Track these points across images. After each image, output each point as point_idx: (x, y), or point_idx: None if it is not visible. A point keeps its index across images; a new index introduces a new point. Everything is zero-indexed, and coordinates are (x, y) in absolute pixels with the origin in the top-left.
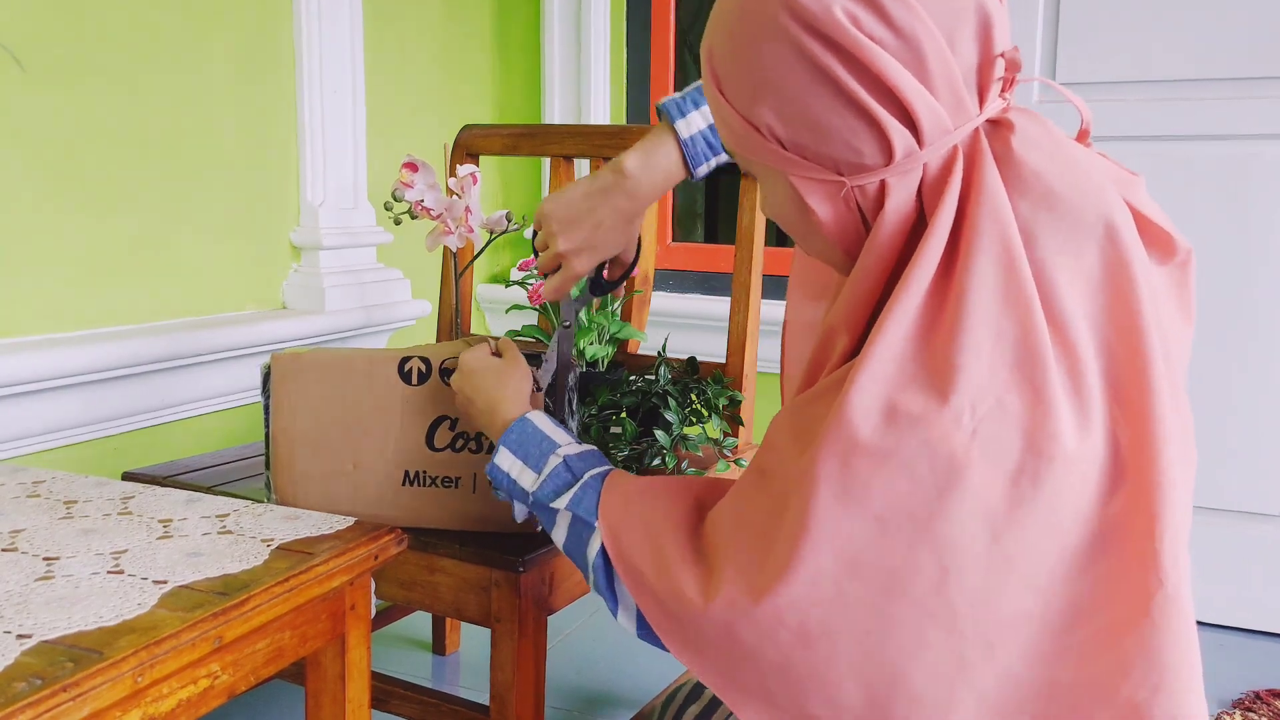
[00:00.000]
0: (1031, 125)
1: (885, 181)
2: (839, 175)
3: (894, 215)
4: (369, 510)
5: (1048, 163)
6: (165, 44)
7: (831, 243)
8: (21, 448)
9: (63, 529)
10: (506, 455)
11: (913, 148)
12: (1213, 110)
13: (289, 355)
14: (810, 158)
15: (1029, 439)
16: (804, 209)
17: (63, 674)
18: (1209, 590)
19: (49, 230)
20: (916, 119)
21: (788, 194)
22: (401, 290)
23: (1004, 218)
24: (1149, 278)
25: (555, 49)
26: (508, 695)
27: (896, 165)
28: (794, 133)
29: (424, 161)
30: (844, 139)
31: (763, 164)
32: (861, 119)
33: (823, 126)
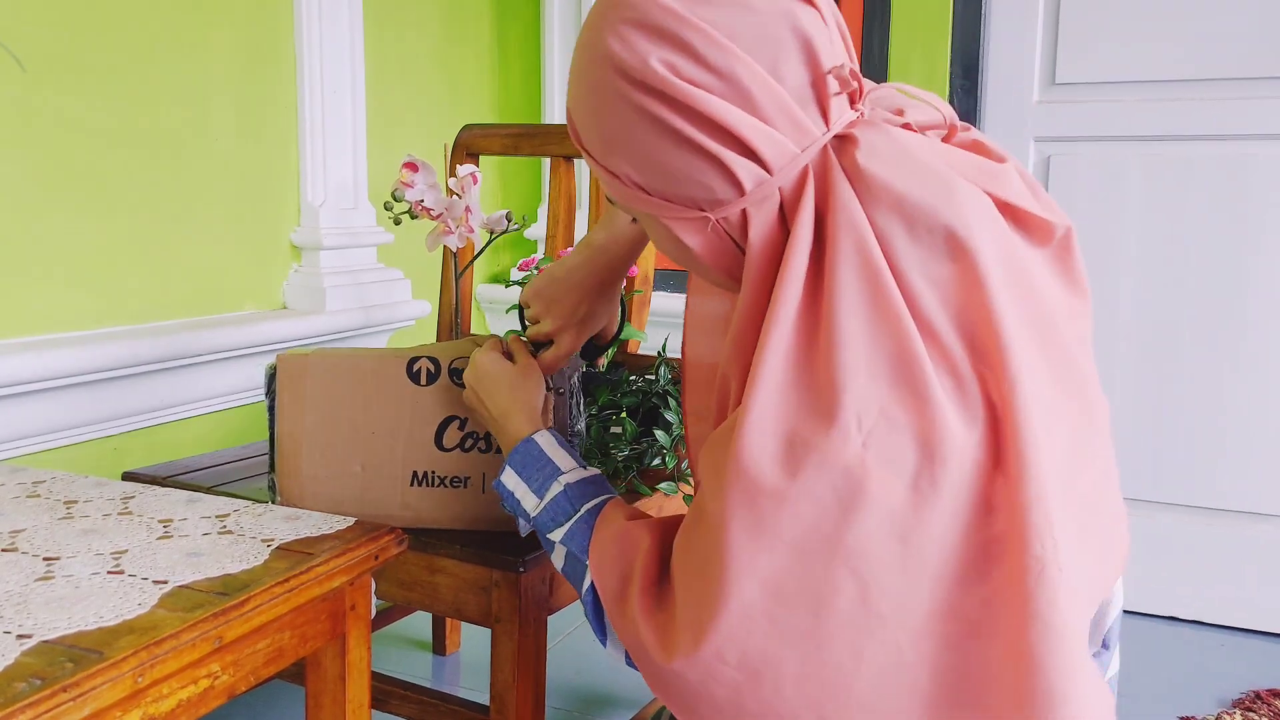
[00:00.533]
0: (877, 137)
1: (745, 210)
2: (701, 211)
3: (760, 240)
4: (377, 512)
5: (894, 170)
6: (165, 44)
7: (717, 271)
8: (21, 448)
9: (63, 529)
10: (511, 475)
11: (762, 176)
12: (1211, 110)
13: (294, 355)
14: (672, 199)
15: (920, 441)
16: (681, 245)
17: (63, 674)
18: (1209, 590)
19: (49, 230)
20: (756, 150)
21: (666, 234)
22: (402, 290)
23: (861, 230)
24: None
25: (555, 49)
26: (508, 695)
27: (750, 195)
28: (650, 179)
29: (424, 161)
30: (695, 179)
31: (635, 208)
32: (704, 160)
33: (672, 171)
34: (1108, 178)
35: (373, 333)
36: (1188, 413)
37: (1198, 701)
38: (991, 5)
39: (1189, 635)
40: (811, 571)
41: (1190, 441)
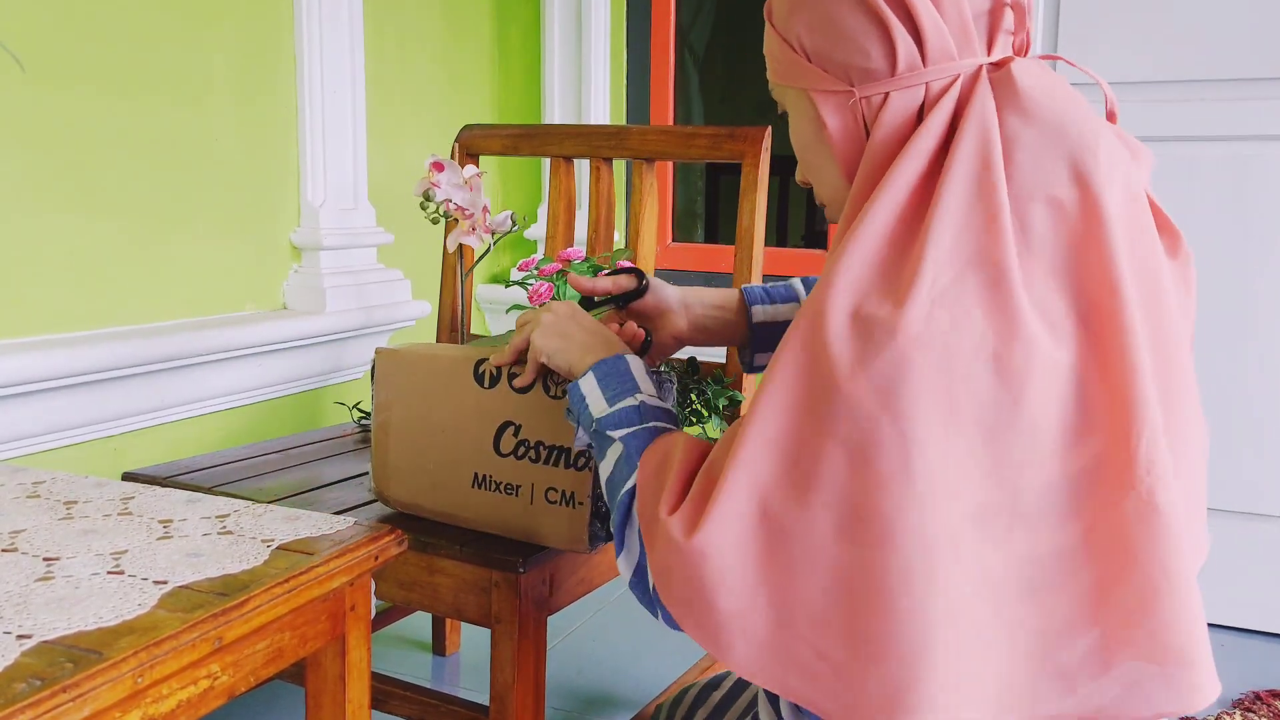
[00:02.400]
0: (1033, 64)
1: (888, 94)
2: (850, 86)
3: (891, 123)
4: (445, 509)
5: (1039, 86)
6: (165, 44)
7: (839, 166)
8: (21, 448)
9: (63, 529)
10: (590, 380)
11: (916, 62)
12: (1214, 111)
13: (388, 350)
14: (829, 69)
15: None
16: (819, 126)
17: (63, 674)
18: (1209, 590)
19: (49, 230)
20: (923, 34)
21: (810, 113)
22: (402, 290)
23: (989, 131)
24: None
25: (555, 49)
26: (508, 696)
27: (899, 77)
28: (816, 41)
29: (450, 160)
30: (856, 42)
31: (791, 83)
32: (874, 23)
33: (840, 30)
34: None
35: (373, 333)
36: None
37: None
38: None
39: None
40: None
41: None
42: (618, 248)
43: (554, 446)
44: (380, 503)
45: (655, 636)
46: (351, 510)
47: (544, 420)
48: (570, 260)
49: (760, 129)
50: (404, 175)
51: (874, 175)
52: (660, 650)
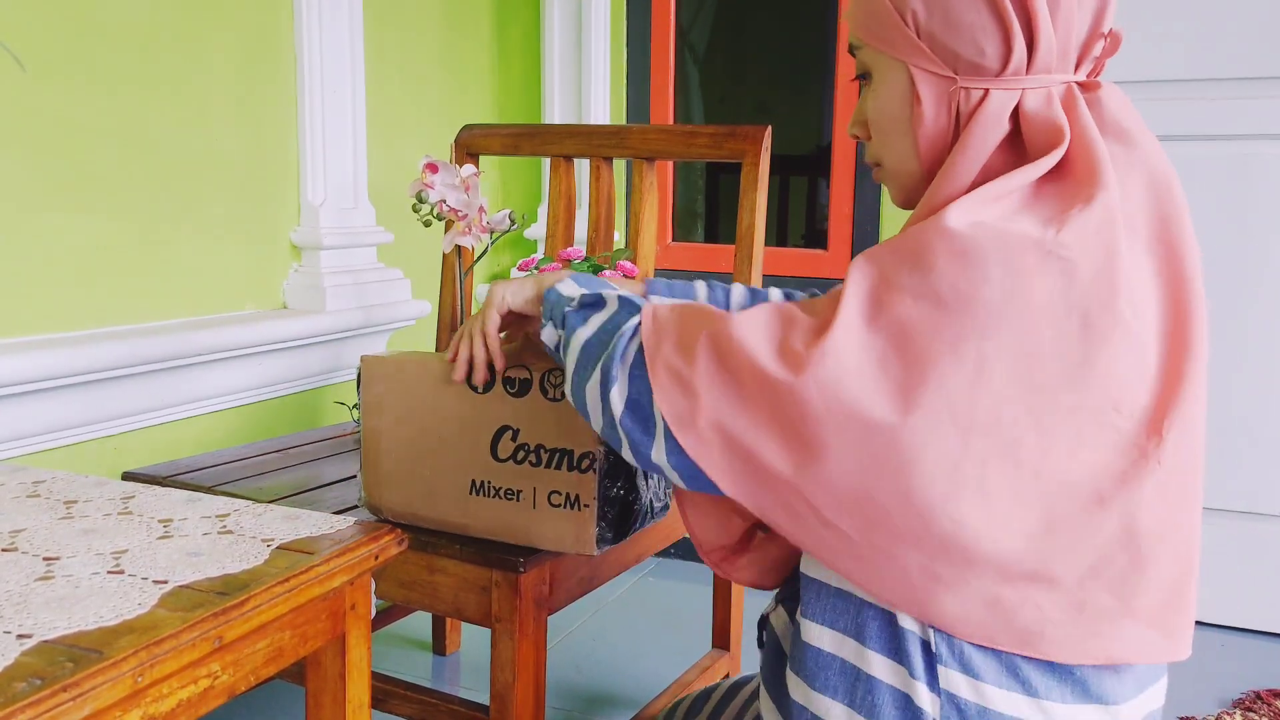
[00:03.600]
0: (1119, 91)
1: (989, 91)
2: (954, 73)
3: (987, 124)
4: (442, 517)
5: (1126, 113)
6: (165, 44)
7: (919, 147)
8: (21, 448)
9: (63, 529)
10: (570, 283)
11: (1021, 66)
12: (1212, 110)
13: (376, 357)
14: (936, 50)
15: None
16: (911, 101)
17: (63, 674)
18: (1210, 590)
19: (49, 230)
20: (1036, 41)
21: (902, 86)
22: (402, 290)
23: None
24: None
25: (555, 49)
26: (508, 695)
27: (1004, 78)
28: (932, 22)
29: (444, 161)
30: (973, 35)
31: (892, 52)
32: (995, 20)
33: (960, 19)
34: None
35: (373, 333)
36: None
37: (1198, 701)
38: None
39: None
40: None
41: None
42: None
43: (555, 449)
44: (372, 514)
45: (655, 636)
46: (351, 510)
47: (543, 423)
48: (570, 260)
49: (760, 128)
50: (404, 175)
51: (969, 169)
52: (660, 650)
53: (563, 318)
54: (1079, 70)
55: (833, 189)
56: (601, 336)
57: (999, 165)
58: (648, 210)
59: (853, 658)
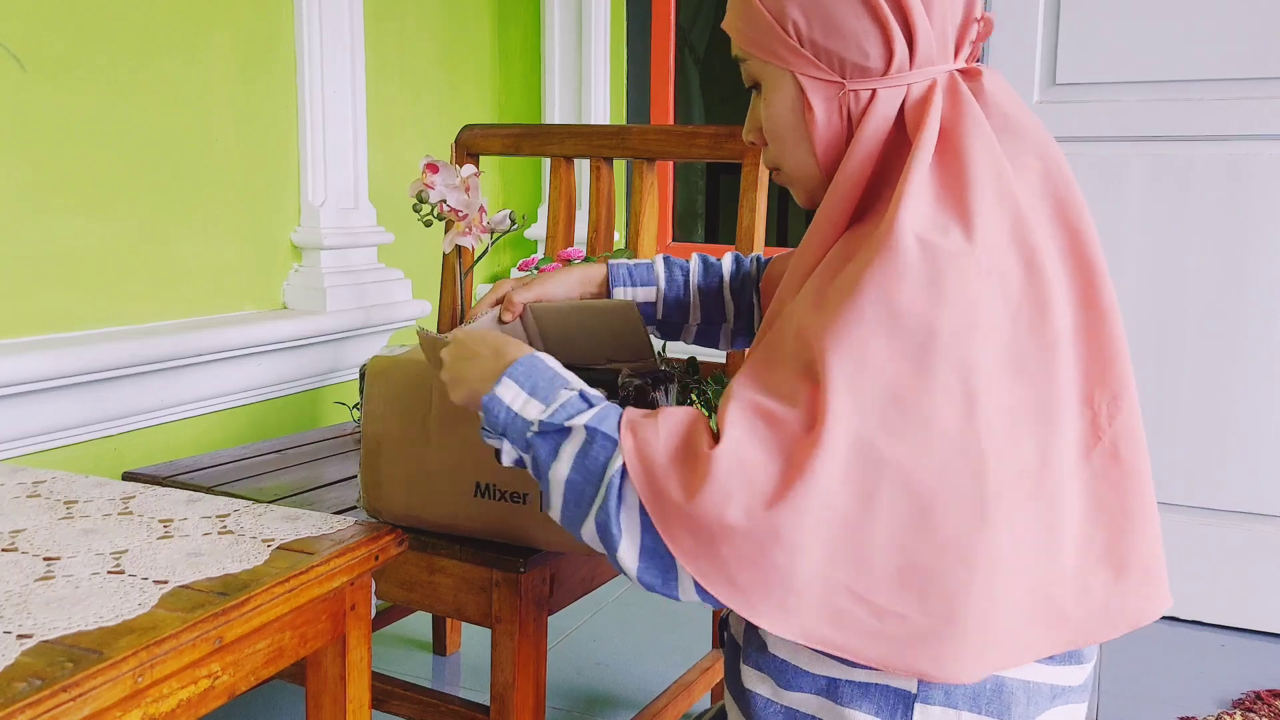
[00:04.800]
0: (999, 76)
1: (876, 91)
2: (841, 78)
3: (877, 122)
4: (445, 520)
5: (1008, 98)
6: (166, 44)
7: (815, 151)
8: (21, 448)
9: (63, 529)
10: (510, 386)
11: (905, 63)
12: (1211, 110)
13: (383, 359)
14: (820, 57)
15: (1034, 301)
16: (802, 108)
17: (63, 674)
18: (1209, 590)
19: (49, 230)
20: (915, 38)
21: (792, 95)
22: (402, 290)
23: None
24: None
25: (555, 49)
26: (508, 695)
27: (890, 76)
28: (813, 30)
29: (444, 162)
30: (856, 39)
31: (777, 63)
32: (874, 23)
33: (840, 25)
34: (1108, 177)
35: (373, 333)
36: (1188, 412)
37: (1198, 701)
38: (992, 5)
39: (1189, 635)
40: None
41: (1190, 441)
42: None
43: None
44: (371, 516)
45: (655, 636)
46: (351, 510)
47: None
48: (570, 260)
49: None
50: (404, 175)
51: (864, 166)
52: (660, 650)
53: (525, 443)
54: (958, 57)
55: None
56: (584, 475)
57: (887, 155)
58: (648, 210)
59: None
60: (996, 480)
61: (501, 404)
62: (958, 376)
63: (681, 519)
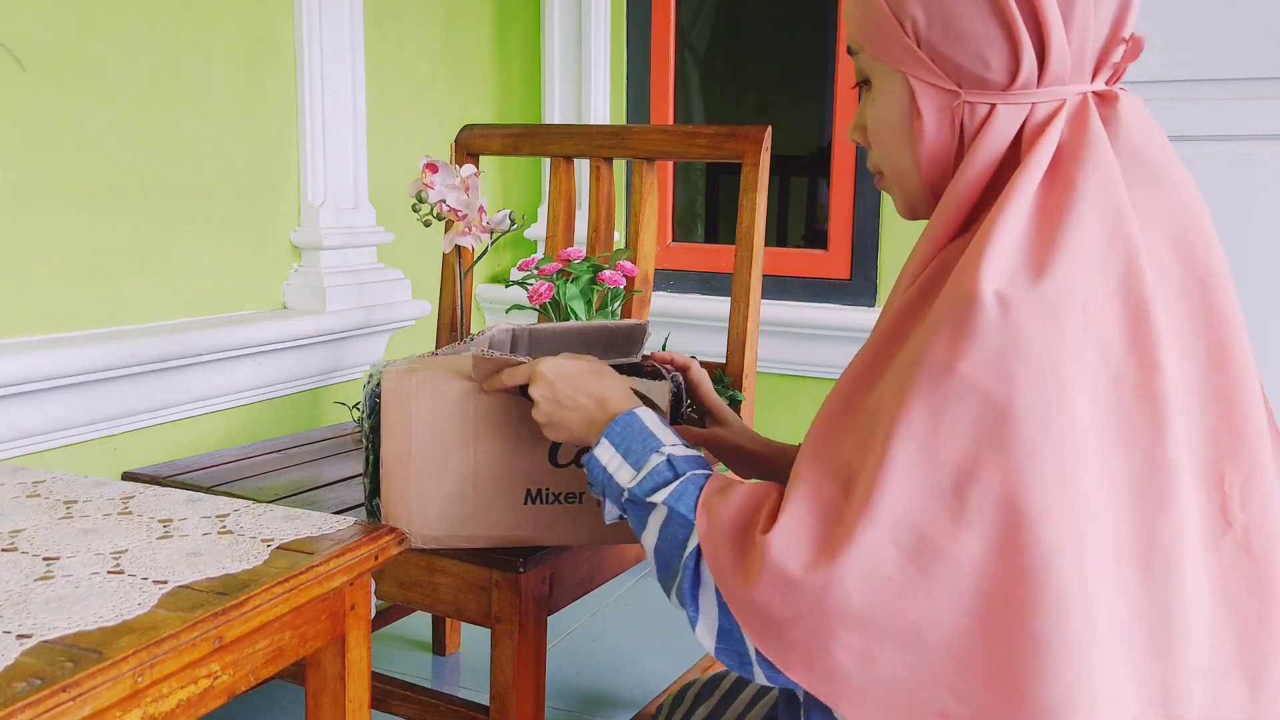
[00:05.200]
0: (1139, 104)
1: (995, 106)
2: (957, 86)
3: (993, 142)
4: (492, 532)
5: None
6: (165, 44)
7: (919, 161)
8: (21, 448)
9: (63, 529)
10: (607, 448)
11: (1032, 79)
12: (1213, 110)
13: (401, 375)
14: (937, 61)
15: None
16: (912, 115)
17: (63, 674)
18: None
19: (49, 230)
20: (1048, 52)
21: (901, 98)
22: (402, 290)
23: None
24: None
25: (555, 49)
26: (508, 695)
27: (1013, 91)
28: (933, 30)
29: (444, 162)
30: (978, 47)
31: (889, 62)
32: (1002, 30)
33: (963, 29)
34: None
35: (373, 333)
36: None
37: None
38: None
39: None
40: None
41: None
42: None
43: None
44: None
45: (655, 636)
46: (351, 510)
47: None
48: (570, 260)
49: (760, 129)
50: (404, 175)
51: (972, 190)
52: (660, 650)
53: (620, 507)
54: (1097, 78)
55: (833, 189)
56: (670, 548)
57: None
58: (648, 210)
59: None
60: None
61: (599, 465)
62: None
63: (748, 604)
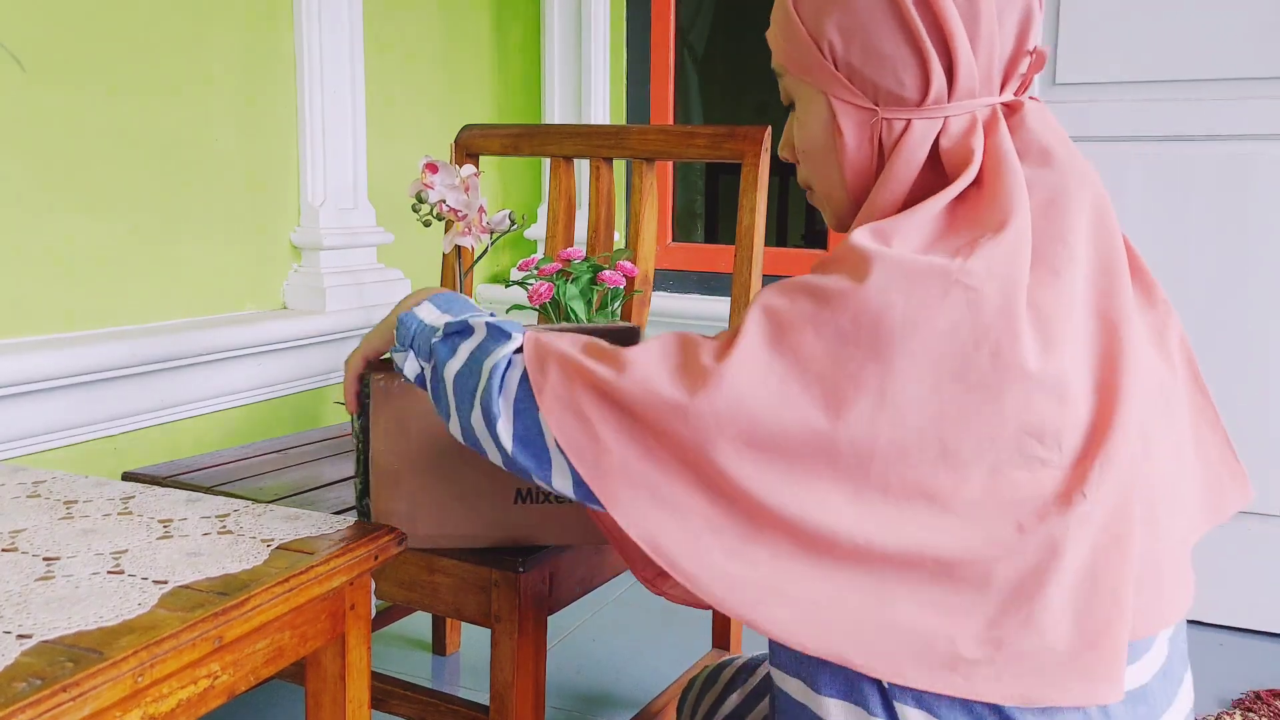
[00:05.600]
0: (1040, 109)
1: (911, 121)
2: (874, 105)
3: (910, 154)
4: (486, 533)
5: (1049, 132)
6: (165, 44)
7: (844, 175)
8: (21, 448)
9: (63, 529)
10: (428, 307)
11: (943, 95)
12: (1213, 110)
13: (389, 374)
14: (855, 81)
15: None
16: (834, 132)
17: (63, 674)
18: (1209, 590)
19: (49, 230)
20: (956, 69)
21: (824, 117)
22: (402, 290)
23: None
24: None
25: (555, 49)
26: (508, 695)
27: (926, 107)
28: (849, 52)
29: (444, 162)
30: (892, 66)
31: (810, 83)
32: (913, 51)
33: (877, 49)
34: (1108, 178)
35: None
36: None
37: (1198, 701)
38: None
39: (1189, 635)
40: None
41: None
42: (618, 248)
43: None
44: None
45: (655, 636)
46: (351, 510)
47: None
48: (570, 260)
49: (760, 129)
50: (404, 175)
51: (893, 199)
52: (660, 650)
53: (429, 350)
54: (1005, 90)
55: None
56: (472, 366)
57: (921, 188)
58: (647, 210)
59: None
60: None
61: (415, 318)
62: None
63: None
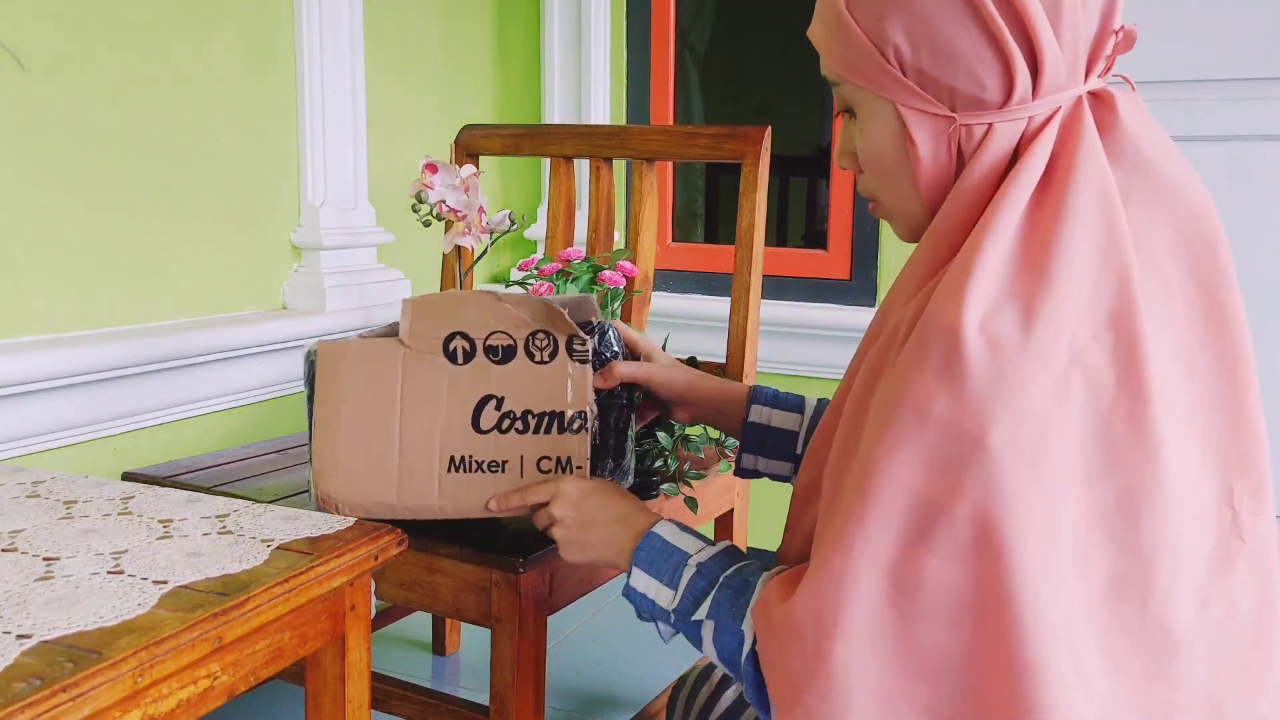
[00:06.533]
0: (1136, 103)
1: (993, 125)
2: (950, 111)
3: (991, 159)
4: (415, 502)
5: (1146, 130)
6: (165, 44)
7: (917, 187)
8: (21, 448)
9: (63, 529)
10: (641, 576)
11: (1027, 94)
12: (1211, 110)
13: (333, 342)
14: (927, 87)
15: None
16: (905, 143)
17: (62, 674)
18: None
19: (49, 230)
20: (1041, 65)
21: (892, 127)
22: (402, 290)
23: (1102, 167)
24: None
25: (555, 49)
26: (508, 695)
27: (1009, 109)
28: (918, 56)
29: (444, 162)
30: (970, 67)
31: (874, 91)
32: (993, 49)
33: (951, 51)
34: None
35: None
36: None
37: None
38: None
39: None
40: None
41: None
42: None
43: (544, 413)
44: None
45: (655, 636)
46: None
47: (530, 388)
48: (570, 260)
49: (760, 129)
50: (404, 175)
51: (973, 209)
52: (660, 650)
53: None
54: (1090, 77)
55: (833, 190)
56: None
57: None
58: (648, 211)
59: None
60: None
61: (639, 595)
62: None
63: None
